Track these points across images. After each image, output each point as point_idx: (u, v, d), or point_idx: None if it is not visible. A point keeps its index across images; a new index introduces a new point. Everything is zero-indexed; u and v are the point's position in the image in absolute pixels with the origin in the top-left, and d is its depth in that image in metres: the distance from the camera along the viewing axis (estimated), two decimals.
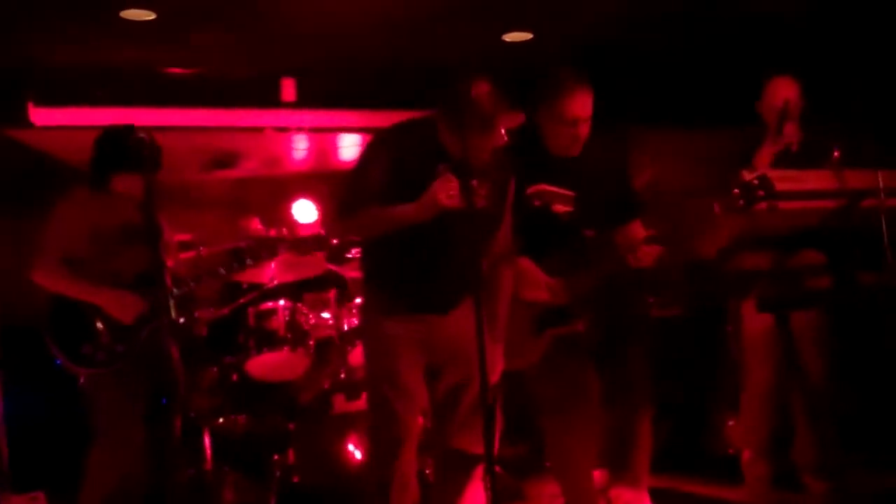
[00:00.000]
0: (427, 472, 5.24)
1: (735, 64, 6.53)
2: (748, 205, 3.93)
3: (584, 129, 4.21)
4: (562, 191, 4.26)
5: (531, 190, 4.25)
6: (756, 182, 3.92)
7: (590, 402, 4.32)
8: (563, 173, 4.26)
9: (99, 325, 4.34)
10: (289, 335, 5.63)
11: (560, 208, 4.25)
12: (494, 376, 3.98)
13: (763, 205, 3.92)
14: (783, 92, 4.71)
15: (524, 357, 4.24)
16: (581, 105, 4.17)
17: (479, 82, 3.77)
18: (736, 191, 3.94)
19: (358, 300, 5.81)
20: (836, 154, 4.42)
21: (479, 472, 4.05)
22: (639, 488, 4.35)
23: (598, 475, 4.73)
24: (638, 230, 4.33)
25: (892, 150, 4.25)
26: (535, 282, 4.18)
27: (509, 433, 5.71)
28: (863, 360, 5.11)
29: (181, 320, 4.62)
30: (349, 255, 5.93)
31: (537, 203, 4.25)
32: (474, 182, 3.71)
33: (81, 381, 4.40)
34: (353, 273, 5.86)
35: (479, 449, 3.87)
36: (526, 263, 4.20)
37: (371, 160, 3.90)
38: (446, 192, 3.66)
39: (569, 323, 4.17)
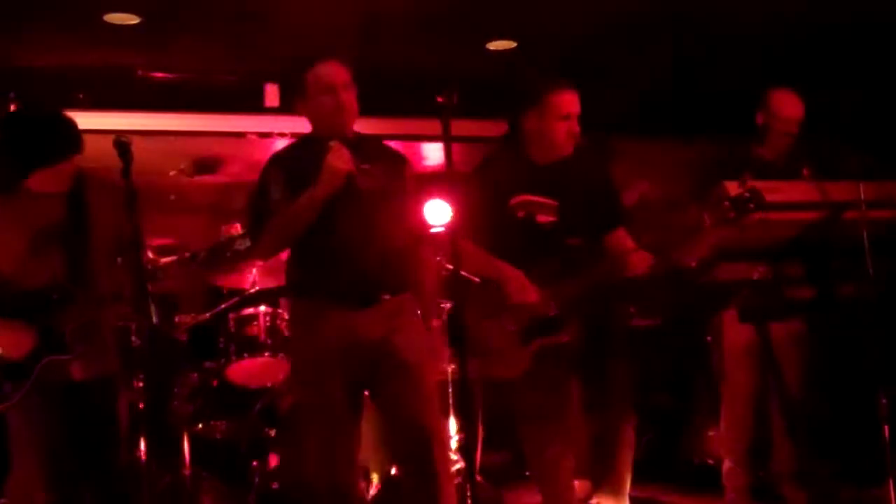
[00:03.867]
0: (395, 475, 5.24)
1: (719, 75, 6.58)
2: (739, 217, 3.94)
3: (576, 126, 4.24)
4: (545, 200, 4.26)
5: (515, 201, 4.25)
6: (747, 195, 3.93)
7: (571, 411, 4.33)
8: (546, 182, 4.27)
9: None
10: (269, 341, 5.62)
11: (544, 218, 4.26)
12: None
13: (755, 216, 3.93)
14: (780, 108, 4.76)
15: (511, 367, 4.22)
16: (572, 100, 4.24)
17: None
18: (727, 203, 3.95)
19: None
20: (805, 172, 4.47)
21: (457, 479, 4.04)
22: (620, 498, 4.35)
23: (580, 485, 4.73)
24: (624, 238, 4.35)
25: (874, 161, 4.27)
26: (521, 287, 4.17)
27: (490, 441, 5.73)
28: (842, 371, 5.13)
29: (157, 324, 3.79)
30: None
31: (521, 214, 4.25)
32: (365, 165, 3.81)
33: None
34: None
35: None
36: (511, 270, 4.20)
37: (266, 180, 3.93)
38: (338, 157, 3.72)
39: (556, 333, 4.17)
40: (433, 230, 5.55)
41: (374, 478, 5.35)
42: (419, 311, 4.06)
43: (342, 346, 3.83)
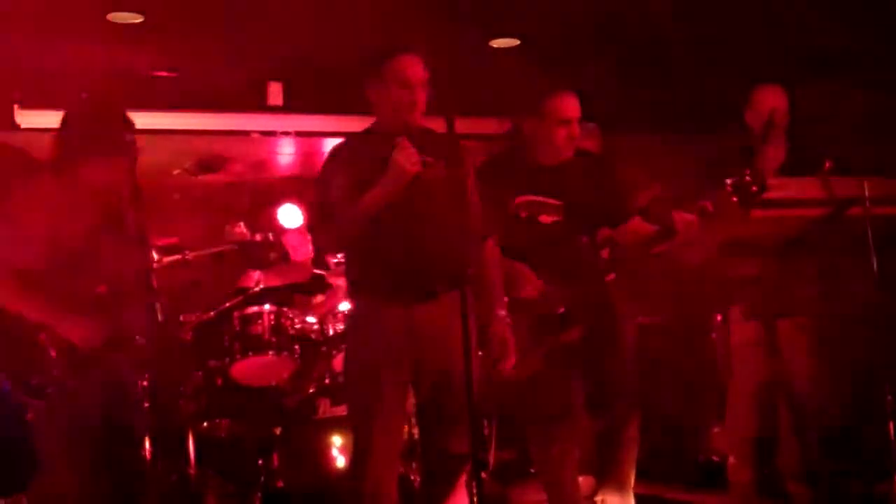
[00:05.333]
0: (412, 477, 5.24)
1: (720, 71, 6.56)
2: (742, 202, 3.92)
3: (577, 130, 4.24)
4: (549, 200, 4.26)
5: (518, 201, 4.26)
6: (749, 178, 3.91)
7: (575, 409, 4.33)
8: (550, 183, 4.27)
9: (51, 352, 3.61)
10: (274, 339, 5.61)
11: (547, 219, 4.26)
12: (508, 351, 3.94)
13: (758, 200, 3.90)
14: (770, 101, 4.73)
15: (522, 368, 4.21)
16: (571, 105, 4.26)
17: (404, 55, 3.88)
18: (729, 188, 3.93)
19: (342, 306, 5.84)
20: (827, 165, 4.44)
21: (464, 477, 4.05)
22: (625, 493, 4.36)
23: (584, 481, 4.74)
24: (641, 224, 4.33)
25: (879, 158, 4.27)
26: (526, 281, 4.17)
27: (495, 439, 5.73)
28: (849, 368, 5.12)
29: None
30: (335, 260, 5.94)
31: (524, 214, 4.25)
32: (429, 158, 3.78)
33: (30, 414, 3.67)
34: (337, 278, 5.86)
35: (465, 449, 3.89)
36: (516, 264, 4.19)
37: (330, 172, 3.93)
38: (406, 157, 3.70)
39: (564, 331, 4.17)
40: None
41: None
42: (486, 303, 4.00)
43: (396, 344, 3.83)
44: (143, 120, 6.21)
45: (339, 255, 5.84)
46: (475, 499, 3.50)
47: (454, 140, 3.99)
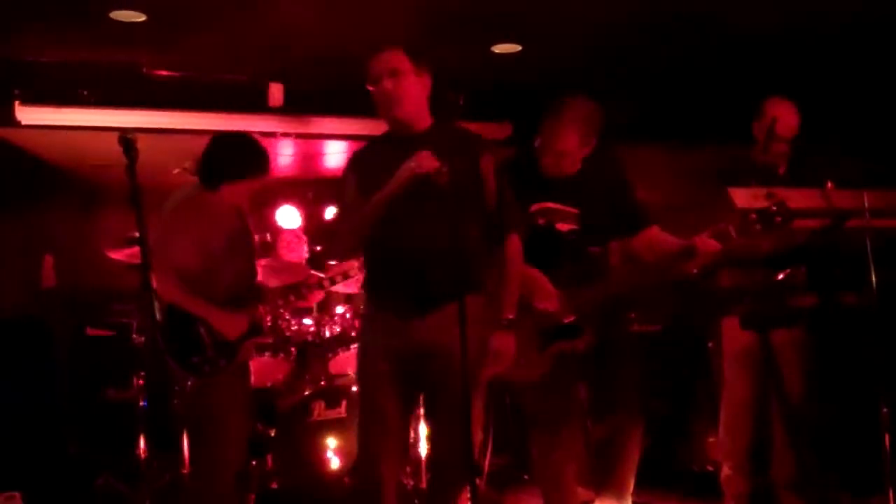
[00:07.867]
0: (405, 481, 5.24)
1: (723, 81, 6.57)
2: (765, 230, 3.96)
3: (568, 156, 4.28)
4: (565, 208, 4.27)
5: (535, 208, 4.25)
6: (774, 208, 3.95)
7: (577, 417, 4.34)
8: (564, 192, 4.27)
9: (206, 338, 4.25)
10: (270, 341, 5.61)
11: (564, 226, 4.26)
12: (503, 364, 3.92)
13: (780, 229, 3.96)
14: (773, 111, 4.74)
15: (529, 370, 4.20)
16: (564, 137, 4.25)
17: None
18: (753, 216, 3.96)
19: (339, 308, 5.85)
20: (829, 185, 4.44)
21: (466, 487, 4.04)
22: (624, 501, 4.35)
23: (583, 492, 4.73)
24: (663, 235, 4.34)
25: (878, 170, 4.27)
26: (545, 292, 4.18)
27: (490, 444, 5.73)
28: (842, 379, 5.13)
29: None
30: (331, 262, 5.93)
31: (541, 221, 4.25)
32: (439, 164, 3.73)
33: (188, 387, 4.31)
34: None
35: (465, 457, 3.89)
36: (536, 273, 4.19)
37: (345, 180, 3.97)
38: (418, 160, 3.66)
39: (574, 339, 4.17)
40: None
41: None
42: (496, 307, 3.97)
43: (397, 350, 3.85)
44: (143, 119, 6.29)
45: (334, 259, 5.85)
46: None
47: (469, 135, 4.00)
